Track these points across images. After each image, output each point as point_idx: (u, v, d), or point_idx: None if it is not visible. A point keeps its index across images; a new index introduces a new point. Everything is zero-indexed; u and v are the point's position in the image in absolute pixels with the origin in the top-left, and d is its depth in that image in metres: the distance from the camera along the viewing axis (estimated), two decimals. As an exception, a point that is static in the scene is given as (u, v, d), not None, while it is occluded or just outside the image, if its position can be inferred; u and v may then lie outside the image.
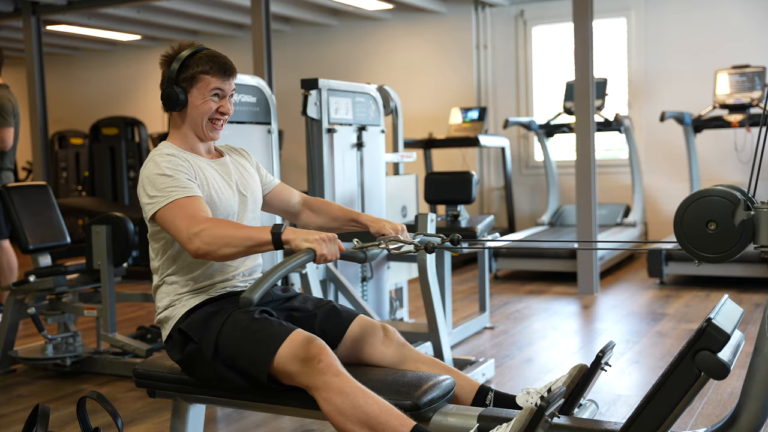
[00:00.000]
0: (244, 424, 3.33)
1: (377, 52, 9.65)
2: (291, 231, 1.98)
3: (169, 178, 2.14)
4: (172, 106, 2.26)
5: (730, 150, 7.62)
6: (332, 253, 1.96)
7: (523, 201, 8.97)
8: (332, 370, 1.94)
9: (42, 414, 2.29)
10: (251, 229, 2.02)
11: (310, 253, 1.91)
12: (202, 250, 2.02)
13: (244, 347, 2.05)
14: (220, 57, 2.26)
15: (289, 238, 1.96)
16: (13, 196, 4.27)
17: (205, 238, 2.01)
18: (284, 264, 1.87)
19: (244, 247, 2.00)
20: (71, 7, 8.12)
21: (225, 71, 2.25)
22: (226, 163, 2.36)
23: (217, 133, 2.32)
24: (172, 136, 2.32)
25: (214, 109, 2.26)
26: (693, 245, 1.64)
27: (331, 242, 1.96)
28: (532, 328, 5.01)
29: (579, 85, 5.87)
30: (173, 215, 2.09)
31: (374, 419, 1.89)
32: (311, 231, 1.99)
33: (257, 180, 2.44)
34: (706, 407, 3.33)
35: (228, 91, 2.28)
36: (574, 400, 2.01)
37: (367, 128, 4.42)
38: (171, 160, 2.18)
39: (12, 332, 4.29)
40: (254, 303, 1.81)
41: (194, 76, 2.23)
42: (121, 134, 8.74)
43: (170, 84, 2.24)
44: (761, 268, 5.88)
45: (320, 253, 1.93)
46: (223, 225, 2.05)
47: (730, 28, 7.80)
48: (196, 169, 2.23)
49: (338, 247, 1.98)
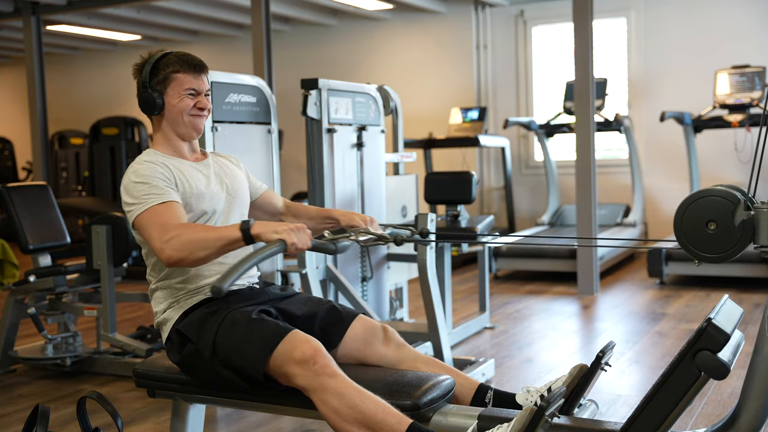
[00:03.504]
0: (244, 424, 3.33)
1: (377, 52, 9.65)
2: (260, 224, 2.01)
3: (145, 185, 2.16)
4: (150, 109, 2.29)
5: (730, 150, 7.62)
6: (302, 242, 1.99)
7: (523, 201, 8.97)
8: (328, 372, 1.94)
9: (42, 414, 2.29)
10: (221, 229, 2.05)
11: (280, 243, 1.95)
12: (174, 258, 2.05)
13: (241, 347, 2.05)
14: (188, 56, 2.30)
15: (258, 231, 1.99)
16: (13, 196, 4.26)
17: (175, 246, 2.04)
18: (256, 254, 1.91)
19: (216, 248, 2.03)
20: (71, 7, 8.12)
21: (195, 68, 2.29)
22: (209, 164, 2.38)
23: (200, 125, 2.33)
24: (156, 142, 2.35)
25: (191, 105, 2.29)
26: (693, 245, 1.64)
27: (300, 231, 1.99)
28: (532, 328, 5.01)
29: (579, 85, 5.87)
30: (148, 223, 2.11)
31: (371, 419, 1.89)
32: (279, 223, 2.02)
33: (246, 185, 2.46)
34: (706, 407, 3.33)
35: (202, 89, 2.31)
36: (574, 400, 2.01)
37: (367, 128, 4.41)
38: (148, 166, 2.21)
39: (12, 332, 4.29)
40: (224, 292, 1.84)
41: (166, 77, 2.27)
42: (121, 134, 8.74)
43: (145, 89, 2.28)
44: (761, 268, 5.87)
45: (290, 242, 1.96)
46: (192, 229, 2.07)
47: (730, 28, 7.80)
48: (175, 172, 2.24)
49: (308, 237, 2.01)
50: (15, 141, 12.02)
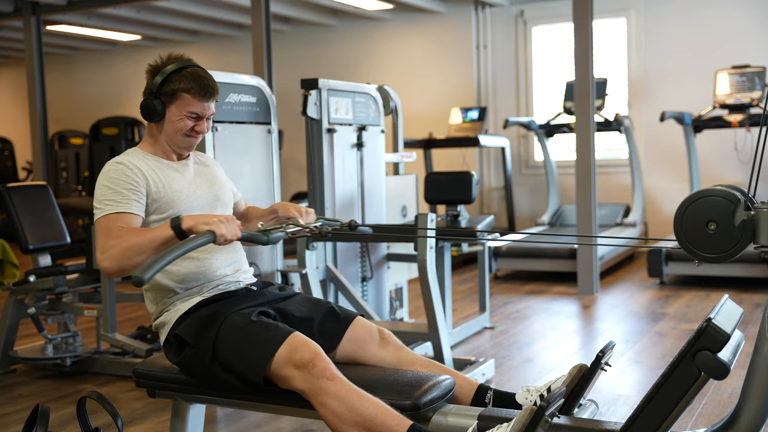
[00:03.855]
0: (244, 424, 3.33)
1: (377, 52, 9.65)
2: (190, 218, 2.02)
3: (108, 189, 2.17)
4: (150, 117, 2.30)
5: (730, 150, 7.62)
6: (231, 232, 2.00)
7: (523, 201, 8.97)
8: (327, 375, 1.94)
9: (42, 414, 2.29)
10: (153, 230, 2.05)
11: (209, 234, 1.97)
12: (112, 268, 2.05)
13: (241, 351, 2.05)
14: (204, 78, 2.27)
15: (189, 225, 2.01)
16: (13, 196, 4.26)
17: (111, 256, 2.05)
18: (183, 245, 1.92)
19: (152, 249, 2.03)
20: (71, 7, 8.12)
21: (206, 93, 2.27)
22: (188, 164, 2.38)
23: (193, 145, 2.35)
24: (144, 142, 2.36)
25: (189, 127, 2.28)
26: (693, 245, 1.64)
27: (230, 222, 2.01)
28: (532, 328, 5.01)
29: (579, 85, 5.87)
30: (98, 229, 2.13)
31: (371, 421, 1.89)
32: (209, 214, 2.04)
33: (228, 186, 2.46)
34: (706, 407, 3.33)
35: (206, 114, 2.30)
36: (574, 400, 2.01)
37: (367, 128, 4.41)
38: (120, 170, 2.21)
39: (12, 332, 4.29)
40: (144, 282, 1.83)
41: (174, 92, 2.26)
42: (121, 134, 8.74)
43: (151, 96, 2.28)
44: (761, 268, 5.87)
45: (219, 233, 1.97)
46: (126, 237, 2.06)
47: (730, 28, 7.80)
48: (150, 173, 2.24)
49: (237, 227, 2.02)
50: (15, 141, 12.02)
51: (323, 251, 4.12)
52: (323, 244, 4.09)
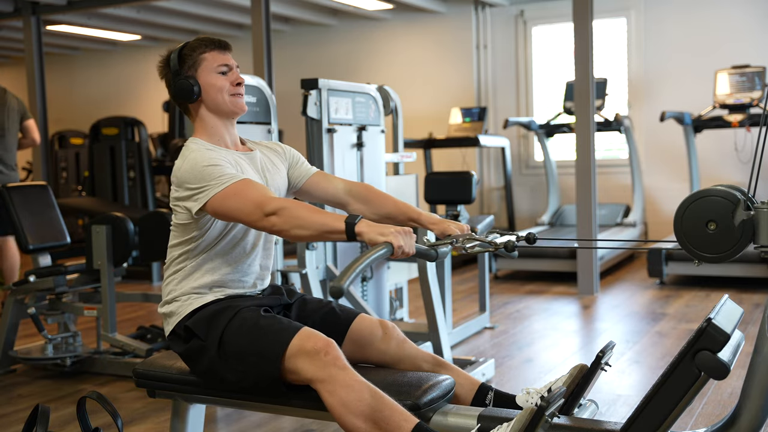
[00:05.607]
0: (244, 424, 3.33)
1: (377, 52, 9.65)
2: (366, 224, 1.93)
3: (216, 167, 2.12)
4: (188, 96, 2.25)
5: (730, 150, 7.62)
6: (409, 246, 1.90)
7: (523, 201, 8.97)
8: (338, 364, 1.95)
9: (42, 414, 2.29)
10: (327, 215, 1.99)
11: (387, 246, 1.87)
12: (278, 227, 2.00)
13: (254, 343, 2.05)
14: (211, 36, 2.32)
15: (362, 230, 1.92)
16: (13, 196, 4.27)
17: (283, 216, 1.99)
18: (366, 255, 1.83)
19: (318, 232, 1.98)
20: (71, 7, 8.12)
21: (221, 45, 2.30)
22: (256, 157, 2.33)
23: (242, 103, 2.31)
24: (198, 132, 2.30)
25: (229, 83, 2.28)
26: (693, 245, 1.64)
27: (408, 236, 1.91)
28: (532, 328, 5.01)
29: (579, 85, 5.87)
30: (237, 198, 2.05)
31: (378, 413, 1.89)
32: (386, 225, 1.94)
33: (284, 175, 2.40)
34: (706, 407, 3.33)
35: (233, 64, 2.32)
36: (574, 400, 2.01)
37: (367, 128, 4.41)
38: (203, 153, 2.17)
39: (12, 332, 4.29)
40: (344, 291, 1.76)
41: (195, 60, 2.27)
42: (121, 134, 8.73)
43: (177, 77, 2.26)
44: (761, 268, 5.87)
45: (397, 245, 1.87)
46: (300, 207, 2.01)
47: (730, 28, 7.80)
48: (232, 160, 2.22)
49: (413, 242, 1.93)
50: (15, 141, 12.01)
51: (323, 251, 4.12)
52: (323, 244, 4.08)
